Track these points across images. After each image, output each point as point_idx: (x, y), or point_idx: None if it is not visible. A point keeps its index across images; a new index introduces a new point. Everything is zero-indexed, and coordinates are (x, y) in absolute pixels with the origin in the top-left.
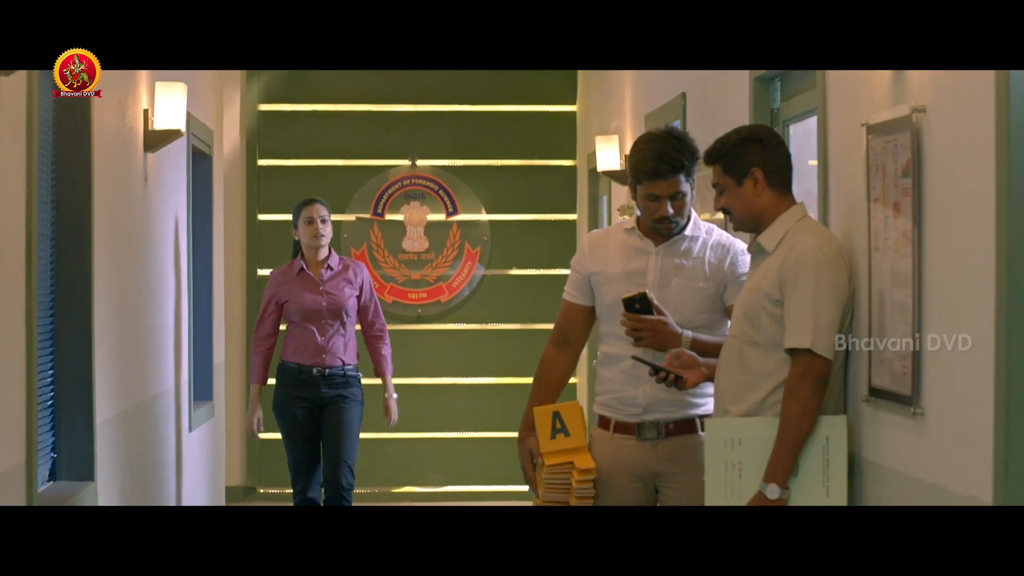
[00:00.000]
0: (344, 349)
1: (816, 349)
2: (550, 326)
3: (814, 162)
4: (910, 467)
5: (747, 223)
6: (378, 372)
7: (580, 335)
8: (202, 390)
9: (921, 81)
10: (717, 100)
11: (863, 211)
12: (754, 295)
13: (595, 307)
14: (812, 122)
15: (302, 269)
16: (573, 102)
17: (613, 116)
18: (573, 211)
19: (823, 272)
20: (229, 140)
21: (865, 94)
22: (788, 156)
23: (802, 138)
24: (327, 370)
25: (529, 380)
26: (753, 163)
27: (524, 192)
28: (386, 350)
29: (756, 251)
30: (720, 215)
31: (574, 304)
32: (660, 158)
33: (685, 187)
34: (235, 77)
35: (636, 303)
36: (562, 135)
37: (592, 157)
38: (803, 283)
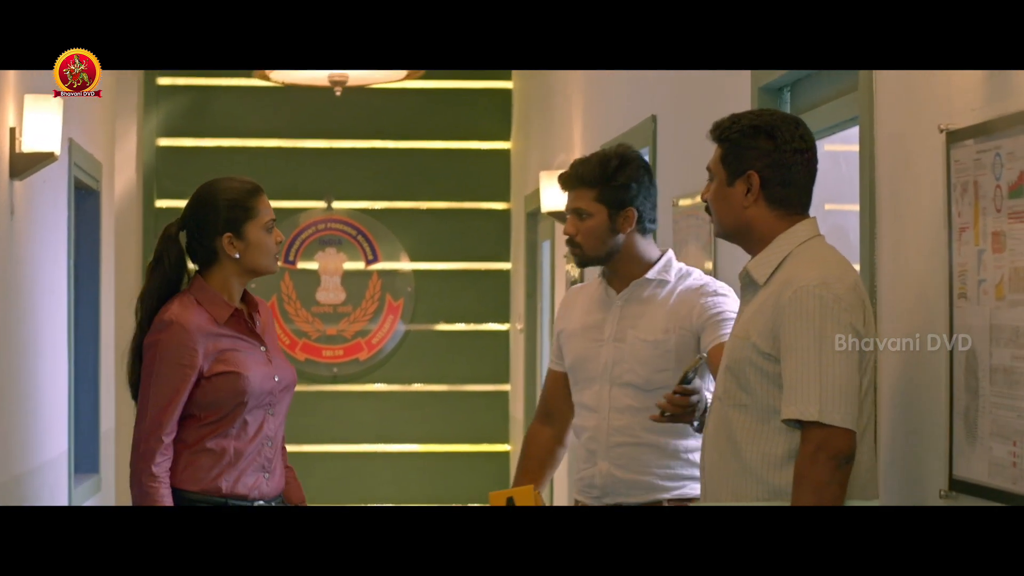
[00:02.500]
0: (283, 464)
1: (827, 420)
2: (481, 388)
3: (832, 206)
4: None
5: (725, 233)
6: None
7: (564, 407)
8: (86, 462)
9: None
10: (702, 121)
11: (939, 245)
12: (740, 344)
13: None
14: (829, 143)
15: (237, 313)
16: (507, 138)
17: (557, 150)
18: (507, 259)
19: (829, 315)
20: (123, 177)
21: (941, 91)
22: (809, 170)
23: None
24: (274, 504)
25: (458, 447)
26: (753, 164)
27: (452, 238)
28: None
29: (746, 282)
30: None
31: (553, 371)
32: (570, 166)
33: (593, 208)
34: (130, 107)
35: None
36: (495, 175)
37: (532, 198)
38: (802, 331)
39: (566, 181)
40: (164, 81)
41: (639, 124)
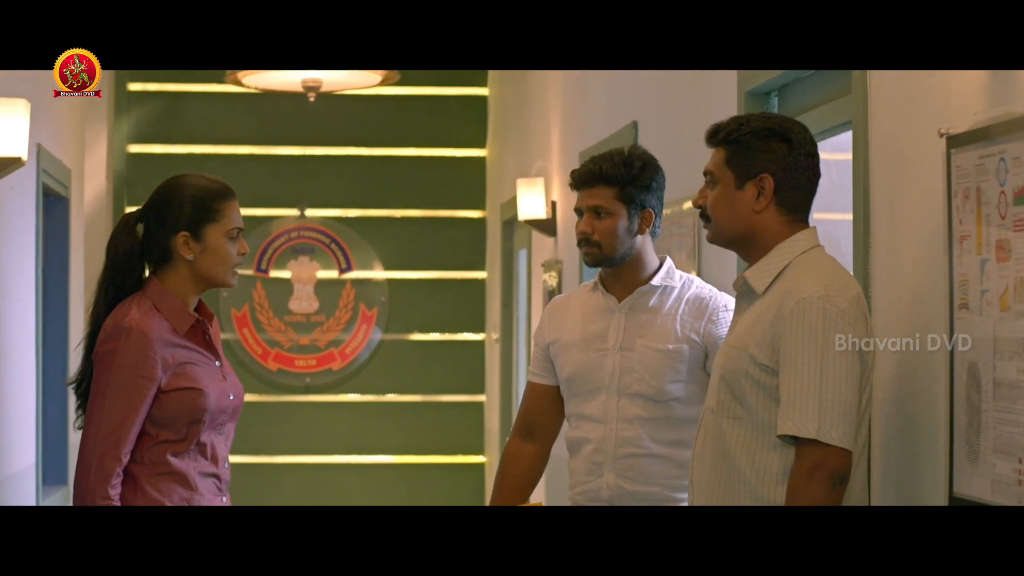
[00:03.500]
0: None
1: (825, 439)
2: (456, 398)
3: (822, 215)
4: None
5: (727, 239)
6: None
7: (547, 422)
8: (54, 473)
9: None
10: (685, 128)
11: (939, 253)
12: (736, 354)
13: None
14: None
15: (197, 324)
16: (483, 145)
17: (535, 157)
18: (482, 268)
19: (832, 330)
20: (93, 184)
21: (940, 94)
22: (816, 174)
23: None
24: None
25: (432, 459)
26: (766, 167)
27: (427, 247)
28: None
29: (743, 291)
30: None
31: (537, 384)
32: (586, 163)
33: (614, 207)
34: (101, 112)
35: None
36: (470, 182)
37: (508, 206)
38: (803, 346)
39: (583, 178)
40: (135, 87)
41: (620, 130)
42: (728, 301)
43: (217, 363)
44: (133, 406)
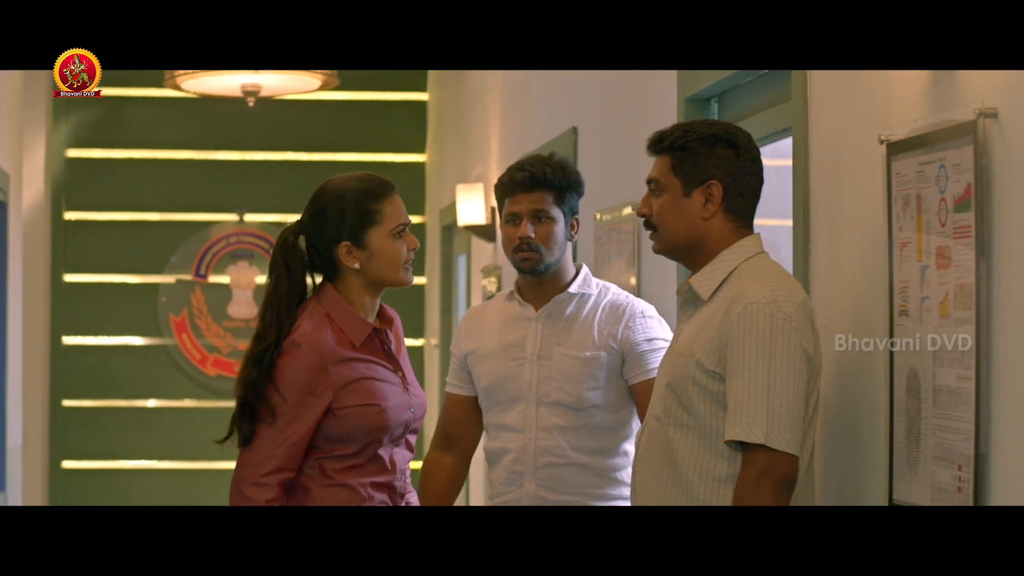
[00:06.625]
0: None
1: (773, 444)
2: None
3: (760, 220)
4: None
5: (675, 247)
6: None
7: (466, 432)
8: None
9: (985, 73)
10: (625, 133)
11: (879, 260)
12: (682, 361)
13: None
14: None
15: (375, 332)
16: (422, 150)
17: (475, 163)
18: (421, 273)
19: (779, 335)
20: (31, 189)
21: (880, 101)
22: (760, 180)
23: None
24: None
25: None
26: (715, 173)
27: None
28: None
29: (688, 297)
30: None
31: (454, 395)
32: (520, 167)
33: (554, 212)
34: (39, 117)
35: None
36: (410, 188)
37: (447, 212)
38: (751, 351)
39: (523, 182)
40: None
41: (559, 136)
42: (645, 307)
43: (399, 374)
44: (296, 426)
